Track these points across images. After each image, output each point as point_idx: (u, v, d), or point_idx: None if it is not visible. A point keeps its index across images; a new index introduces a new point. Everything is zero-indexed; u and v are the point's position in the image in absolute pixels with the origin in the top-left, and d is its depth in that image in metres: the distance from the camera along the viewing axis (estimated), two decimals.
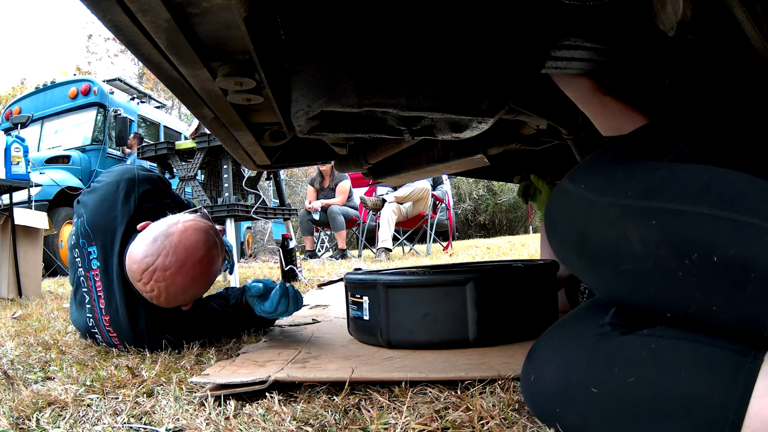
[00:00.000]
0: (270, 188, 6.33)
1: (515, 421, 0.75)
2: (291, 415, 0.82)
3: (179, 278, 1.20)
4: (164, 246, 1.20)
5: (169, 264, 1.19)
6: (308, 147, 1.83)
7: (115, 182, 1.39)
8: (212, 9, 0.73)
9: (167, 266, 1.19)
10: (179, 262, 1.20)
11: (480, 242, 8.55)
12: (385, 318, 1.21)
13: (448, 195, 6.38)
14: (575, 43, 0.97)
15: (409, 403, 0.83)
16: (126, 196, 1.37)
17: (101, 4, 0.67)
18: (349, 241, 7.60)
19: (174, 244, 1.20)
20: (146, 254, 1.20)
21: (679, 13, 0.81)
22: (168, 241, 1.20)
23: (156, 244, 1.20)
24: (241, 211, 3.10)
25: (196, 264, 1.22)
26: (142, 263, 1.19)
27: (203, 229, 1.26)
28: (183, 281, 1.21)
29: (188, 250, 1.21)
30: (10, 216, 3.22)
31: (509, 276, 1.21)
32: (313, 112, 0.84)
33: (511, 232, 16.31)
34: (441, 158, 1.69)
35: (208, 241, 1.25)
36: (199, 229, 1.25)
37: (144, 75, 19.16)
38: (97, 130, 6.64)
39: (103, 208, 1.37)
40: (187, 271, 1.21)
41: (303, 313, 1.91)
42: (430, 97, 0.84)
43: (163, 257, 1.19)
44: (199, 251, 1.22)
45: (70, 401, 0.96)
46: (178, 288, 1.21)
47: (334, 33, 0.82)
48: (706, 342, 0.59)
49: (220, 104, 1.10)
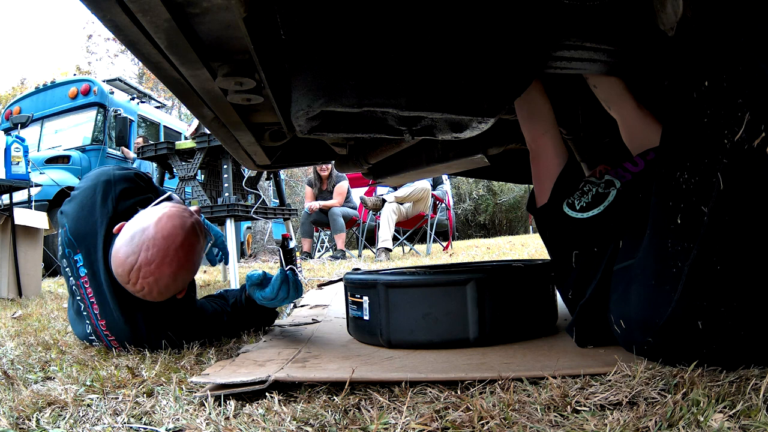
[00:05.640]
0: (270, 188, 6.34)
1: (515, 421, 0.75)
2: (291, 415, 0.82)
3: (166, 268, 1.20)
4: (143, 241, 1.19)
5: (152, 257, 1.19)
6: (308, 147, 1.83)
7: (91, 186, 1.39)
8: (212, 9, 0.73)
9: (151, 260, 1.18)
10: (161, 252, 1.19)
11: (480, 242, 8.55)
12: (385, 318, 1.20)
13: (448, 195, 6.38)
14: (576, 43, 0.97)
15: (409, 403, 0.83)
16: (103, 199, 1.37)
17: (101, 4, 0.67)
18: (349, 241, 7.60)
19: (151, 236, 1.20)
20: (127, 254, 1.19)
21: (679, 12, 0.81)
22: (145, 235, 1.20)
23: (134, 241, 1.20)
24: (241, 211, 3.09)
25: (178, 249, 1.21)
26: (126, 264, 1.19)
27: (177, 214, 1.25)
28: (170, 270, 1.21)
29: (167, 238, 1.20)
30: (10, 216, 3.22)
31: (509, 276, 1.21)
32: (313, 112, 0.84)
33: (511, 232, 16.31)
34: (441, 158, 1.69)
35: (185, 225, 1.24)
36: (173, 215, 1.24)
37: (144, 75, 19.15)
38: (97, 130, 6.64)
39: (82, 215, 1.37)
40: (171, 259, 1.20)
41: (303, 313, 1.91)
42: (430, 97, 0.84)
43: (145, 252, 1.19)
44: (178, 236, 1.22)
45: (70, 401, 0.96)
46: (167, 278, 1.21)
47: (334, 33, 0.82)
48: None
49: (220, 104, 1.10)
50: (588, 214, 1.12)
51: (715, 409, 0.71)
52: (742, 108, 0.73)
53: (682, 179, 0.82)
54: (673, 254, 0.84)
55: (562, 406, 0.78)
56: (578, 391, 0.82)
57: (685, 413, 0.70)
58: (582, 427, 0.71)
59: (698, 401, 0.73)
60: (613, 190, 1.13)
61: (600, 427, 0.70)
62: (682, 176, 0.83)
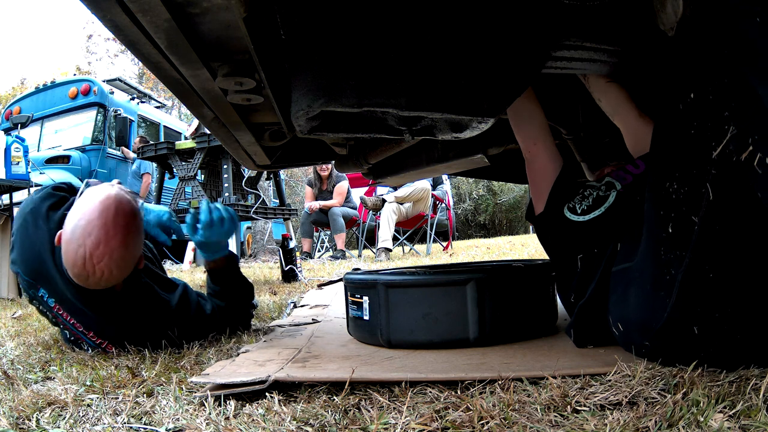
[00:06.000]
0: (270, 188, 6.34)
1: (515, 421, 0.75)
2: (291, 415, 0.82)
3: (113, 241, 1.20)
4: (81, 232, 1.20)
5: (96, 240, 1.19)
6: (308, 147, 1.83)
7: (21, 223, 1.42)
8: (212, 9, 0.73)
9: (97, 242, 1.19)
10: (102, 230, 1.20)
11: (480, 242, 8.55)
12: (385, 318, 1.20)
13: (448, 195, 6.38)
14: (576, 43, 0.97)
15: (409, 403, 0.83)
16: (35, 225, 1.38)
17: (101, 4, 0.67)
18: (349, 241, 7.60)
19: (86, 222, 1.20)
20: (75, 251, 1.20)
21: (679, 12, 0.81)
22: (81, 226, 1.20)
23: (75, 236, 1.20)
24: (241, 211, 3.10)
25: (116, 218, 1.21)
26: (78, 259, 1.19)
27: (98, 192, 1.26)
28: (117, 241, 1.21)
29: (101, 215, 1.21)
30: (10, 216, 3.21)
31: (509, 276, 1.21)
32: (313, 112, 0.84)
33: (511, 232, 16.31)
34: (441, 158, 1.69)
35: (109, 195, 1.25)
36: (95, 194, 1.25)
37: (144, 75, 19.15)
38: (97, 130, 6.64)
39: (26, 252, 1.39)
40: (114, 231, 1.20)
41: (303, 313, 1.91)
42: (430, 97, 0.84)
43: (88, 239, 1.19)
44: (110, 207, 1.22)
45: (70, 401, 0.96)
46: (119, 250, 1.21)
47: (334, 33, 0.82)
48: None
49: (220, 104, 1.10)
50: (589, 216, 1.12)
51: (715, 409, 0.71)
52: (729, 121, 0.73)
53: (671, 189, 0.83)
54: (667, 261, 0.84)
55: (562, 406, 0.78)
56: (578, 391, 0.82)
57: (685, 413, 0.70)
58: (582, 427, 0.71)
59: (698, 401, 0.73)
60: (613, 192, 1.13)
61: (600, 427, 0.70)
62: (671, 186, 0.83)
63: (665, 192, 0.84)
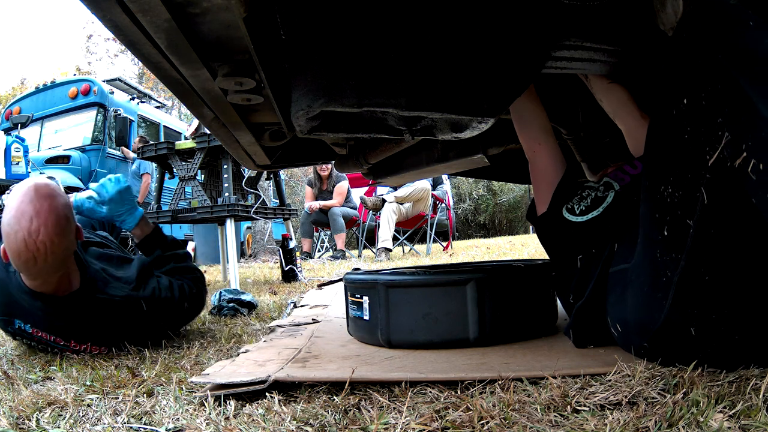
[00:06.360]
0: (270, 188, 6.33)
1: (515, 421, 0.75)
2: (291, 415, 0.82)
3: (44, 212, 1.22)
4: (15, 221, 1.21)
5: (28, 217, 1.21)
6: (308, 147, 1.83)
7: None
8: (212, 9, 0.73)
9: (29, 219, 1.21)
10: (29, 205, 1.22)
11: (480, 242, 8.55)
12: (385, 318, 1.20)
13: (448, 195, 6.38)
14: (576, 43, 0.97)
15: (409, 403, 0.83)
16: None
17: (101, 4, 0.67)
18: (349, 241, 7.60)
19: (15, 210, 1.22)
20: (16, 241, 1.21)
21: (679, 12, 0.81)
22: (12, 216, 1.22)
23: (12, 229, 1.21)
24: (241, 211, 3.09)
25: (38, 193, 1.24)
26: (20, 245, 1.21)
27: (20, 184, 1.29)
28: (47, 209, 1.23)
29: (24, 198, 1.23)
30: None
31: (509, 276, 1.21)
32: (313, 112, 0.84)
33: (511, 232, 16.31)
34: (441, 158, 1.69)
35: (28, 181, 1.28)
36: (15, 188, 1.29)
37: (144, 75, 19.15)
38: (97, 130, 6.64)
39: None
40: (40, 204, 1.23)
41: (303, 313, 1.91)
42: (430, 97, 0.84)
43: (21, 221, 1.21)
44: (29, 189, 1.24)
45: (70, 401, 0.96)
46: (51, 217, 1.23)
47: (334, 33, 0.82)
48: None
49: (220, 104, 1.10)
50: (587, 217, 1.12)
51: (715, 409, 0.71)
52: (722, 127, 0.73)
53: (666, 192, 0.83)
54: (663, 264, 0.84)
55: (562, 406, 0.78)
56: (578, 391, 0.82)
57: (685, 413, 0.70)
58: (582, 427, 0.71)
59: (698, 401, 0.73)
60: (611, 192, 1.13)
61: (600, 427, 0.70)
62: (666, 190, 0.83)
63: (660, 195, 0.85)
